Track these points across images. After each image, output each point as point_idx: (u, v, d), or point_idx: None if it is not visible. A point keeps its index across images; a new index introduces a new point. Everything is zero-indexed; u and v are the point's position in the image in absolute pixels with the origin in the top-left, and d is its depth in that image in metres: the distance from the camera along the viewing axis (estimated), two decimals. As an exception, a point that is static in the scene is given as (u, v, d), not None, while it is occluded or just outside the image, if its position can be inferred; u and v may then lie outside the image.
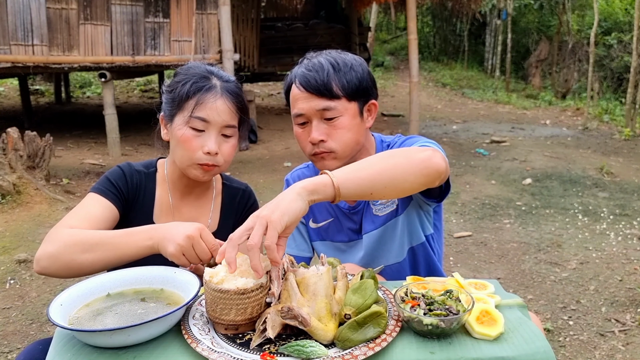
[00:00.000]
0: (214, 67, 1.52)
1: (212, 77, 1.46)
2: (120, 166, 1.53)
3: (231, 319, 1.04)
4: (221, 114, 1.42)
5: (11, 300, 3.16)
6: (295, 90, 1.46)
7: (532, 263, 3.80)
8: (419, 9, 14.99)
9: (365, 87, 1.46)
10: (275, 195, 1.14)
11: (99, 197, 1.44)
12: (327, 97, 1.41)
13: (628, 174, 6.39)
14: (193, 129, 1.41)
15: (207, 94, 1.42)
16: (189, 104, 1.41)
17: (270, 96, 12.59)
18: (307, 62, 1.47)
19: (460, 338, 1.05)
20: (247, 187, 1.68)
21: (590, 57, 10.44)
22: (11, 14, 6.56)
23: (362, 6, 10.71)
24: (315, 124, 1.44)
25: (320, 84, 1.41)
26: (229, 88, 1.46)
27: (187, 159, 1.44)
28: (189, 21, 7.09)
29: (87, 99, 11.42)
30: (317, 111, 1.42)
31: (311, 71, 1.42)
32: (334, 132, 1.43)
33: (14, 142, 4.77)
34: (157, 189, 1.54)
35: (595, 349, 2.74)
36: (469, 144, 8.12)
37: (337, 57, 1.46)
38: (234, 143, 1.48)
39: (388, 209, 1.57)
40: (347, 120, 1.44)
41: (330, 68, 1.42)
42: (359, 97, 1.46)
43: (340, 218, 1.64)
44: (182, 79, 1.45)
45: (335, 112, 1.42)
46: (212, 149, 1.41)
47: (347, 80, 1.42)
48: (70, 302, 1.12)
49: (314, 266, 1.13)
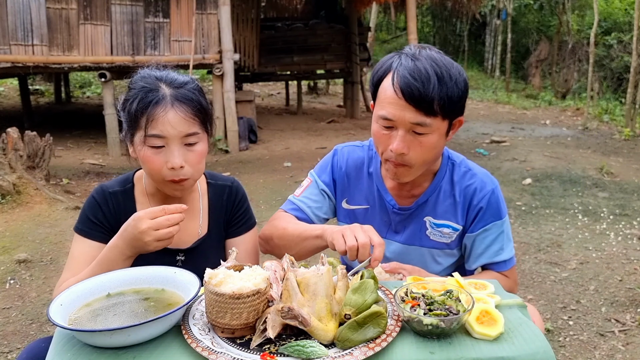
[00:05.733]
0: (165, 72, 1.41)
1: (161, 85, 1.36)
2: (93, 195, 1.49)
3: (226, 323, 1.04)
4: (176, 126, 1.33)
5: (11, 300, 3.15)
6: (391, 91, 1.33)
7: (532, 263, 3.80)
8: (419, 9, 14.98)
9: (462, 105, 1.38)
10: (275, 195, 1.14)
11: (84, 240, 1.45)
12: (424, 113, 1.31)
13: (628, 174, 6.39)
14: (152, 147, 1.34)
15: (156, 108, 1.32)
16: (141, 122, 1.34)
17: (270, 96, 12.59)
18: (412, 64, 1.32)
19: (460, 338, 1.04)
20: (234, 182, 1.62)
21: (590, 57, 10.44)
22: (11, 14, 6.55)
23: (362, 6, 10.70)
24: (402, 134, 1.34)
25: (424, 97, 1.29)
26: (179, 95, 1.36)
27: (155, 178, 1.40)
28: (189, 21, 7.08)
29: (87, 99, 11.42)
30: (410, 124, 1.33)
31: (417, 80, 1.30)
32: (418, 147, 1.35)
33: (14, 142, 4.77)
34: (137, 205, 1.50)
35: (595, 349, 2.74)
36: (469, 144, 8.12)
37: (442, 65, 1.33)
38: (200, 149, 1.39)
39: (443, 240, 1.53)
40: (435, 138, 1.36)
41: (436, 80, 1.30)
42: (454, 115, 1.37)
43: (377, 209, 1.58)
44: (130, 96, 1.37)
45: (428, 129, 1.33)
46: (176, 163, 1.34)
47: (449, 96, 1.32)
48: (70, 302, 1.12)
49: (314, 266, 1.13)
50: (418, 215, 1.53)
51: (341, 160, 1.63)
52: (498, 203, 1.49)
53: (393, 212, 1.55)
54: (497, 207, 1.49)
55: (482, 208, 1.48)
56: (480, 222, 1.49)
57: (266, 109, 10.84)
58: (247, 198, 1.65)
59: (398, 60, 1.36)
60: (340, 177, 1.62)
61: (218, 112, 7.24)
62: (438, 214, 1.52)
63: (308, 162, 6.51)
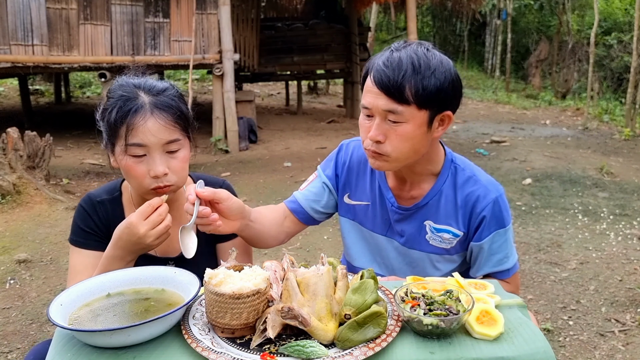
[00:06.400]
0: (143, 79, 1.40)
1: (140, 93, 1.35)
2: (82, 205, 1.50)
3: (226, 323, 1.04)
4: (156, 134, 1.32)
5: (11, 300, 3.15)
6: (368, 81, 1.36)
7: (532, 263, 3.80)
8: (419, 9, 14.98)
9: (443, 97, 1.33)
10: (275, 195, 1.14)
11: (80, 250, 1.46)
12: (395, 100, 1.30)
13: (628, 174, 6.39)
14: (133, 156, 1.33)
15: (136, 117, 1.31)
16: (121, 132, 1.32)
17: (270, 96, 12.59)
18: (389, 54, 1.34)
19: (460, 338, 1.04)
20: (224, 183, 1.60)
21: (590, 57, 10.44)
22: (11, 14, 6.56)
23: (362, 6, 10.70)
24: (378, 122, 1.35)
25: (393, 84, 1.29)
26: (159, 103, 1.35)
27: (138, 187, 1.39)
28: (189, 21, 7.08)
29: (87, 99, 11.42)
30: (382, 111, 1.33)
31: (387, 67, 1.30)
32: (393, 136, 1.34)
33: (14, 142, 4.77)
34: (125, 212, 1.50)
35: (595, 349, 2.74)
36: (469, 144, 8.12)
37: (422, 55, 1.31)
38: (183, 156, 1.39)
39: (442, 245, 1.51)
40: (411, 128, 1.33)
41: (410, 68, 1.29)
42: (433, 106, 1.33)
43: (378, 206, 1.57)
44: (108, 105, 1.36)
45: (400, 117, 1.32)
46: (159, 171, 1.33)
47: (424, 86, 1.29)
48: (70, 302, 1.12)
49: (314, 266, 1.13)
50: (417, 218, 1.51)
51: (345, 155, 1.63)
52: (501, 212, 1.45)
53: (392, 210, 1.53)
54: (500, 216, 1.45)
55: (485, 217, 1.45)
56: (485, 232, 1.46)
57: (266, 109, 10.84)
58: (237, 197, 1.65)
59: (380, 55, 1.38)
60: (343, 172, 1.62)
61: (218, 112, 7.24)
62: (439, 219, 1.49)
63: (308, 162, 6.51)
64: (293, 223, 1.63)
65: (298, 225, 1.64)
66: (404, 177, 1.51)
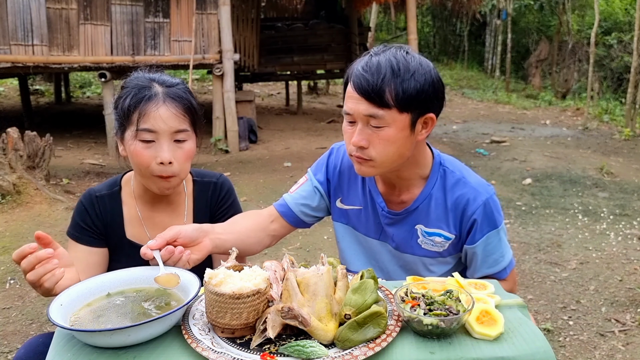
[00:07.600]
0: (157, 74, 1.48)
1: (154, 84, 1.42)
2: (81, 200, 1.54)
3: (226, 323, 1.04)
4: (167, 121, 1.39)
5: (11, 300, 3.16)
6: (349, 87, 1.35)
7: (532, 263, 3.80)
8: (419, 9, 14.98)
9: (424, 99, 1.32)
10: (275, 195, 1.14)
11: (76, 244, 1.50)
12: (376, 105, 1.30)
13: (628, 174, 6.39)
14: (142, 142, 1.39)
15: (149, 104, 1.38)
16: (134, 117, 1.38)
17: (270, 96, 12.59)
18: (368, 58, 1.34)
19: (460, 338, 1.04)
20: (220, 178, 1.63)
21: (590, 57, 10.44)
22: (11, 14, 6.55)
23: (362, 6, 10.71)
24: (360, 127, 1.34)
25: (372, 88, 1.29)
26: (171, 93, 1.42)
27: (143, 172, 1.43)
28: (189, 21, 7.08)
29: (87, 99, 11.42)
30: (363, 116, 1.32)
31: (367, 72, 1.30)
32: (376, 140, 1.34)
33: (14, 142, 4.77)
34: (124, 206, 1.54)
35: (595, 349, 2.74)
36: (469, 144, 8.12)
37: (402, 59, 1.31)
38: (189, 148, 1.44)
39: (435, 248, 1.50)
40: (393, 132, 1.33)
41: (389, 71, 1.29)
42: (414, 108, 1.32)
43: (370, 210, 1.56)
44: (123, 94, 1.42)
45: (382, 121, 1.31)
46: (165, 158, 1.38)
47: (404, 89, 1.29)
48: (70, 302, 1.12)
49: (314, 266, 1.13)
50: (408, 223, 1.50)
51: (336, 159, 1.62)
52: (493, 213, 1.45)
53: (382, 214, 1.53)
54: (492, 217, 1.45)
55: (476, 220, 1.44)
56: (477, 235, 1.45)
57: (266, 109, 10.84)
58: (233, 194, 1.66)
59: (359, 60, 1.38)
60: (335, 176, 1.61)
61: (218, 112, 7.24)
62: (430, 222, 1.48)
63: (308, 162, 6.48)
64: (282, 226, 1.61)
65: (287, 228, 1.63)
66: (392, 183, 1.51)
